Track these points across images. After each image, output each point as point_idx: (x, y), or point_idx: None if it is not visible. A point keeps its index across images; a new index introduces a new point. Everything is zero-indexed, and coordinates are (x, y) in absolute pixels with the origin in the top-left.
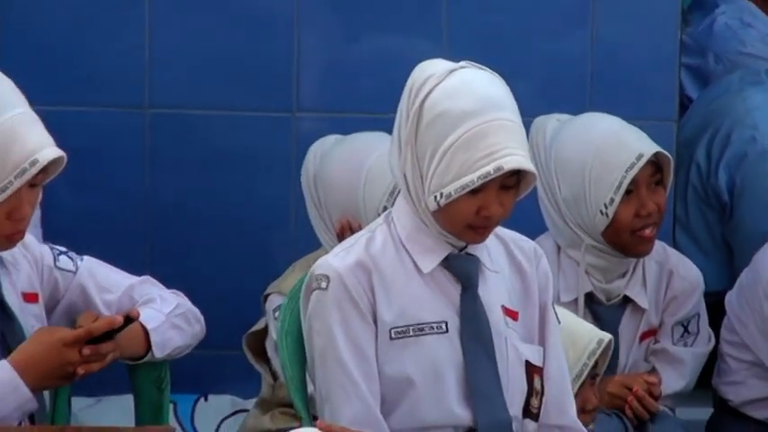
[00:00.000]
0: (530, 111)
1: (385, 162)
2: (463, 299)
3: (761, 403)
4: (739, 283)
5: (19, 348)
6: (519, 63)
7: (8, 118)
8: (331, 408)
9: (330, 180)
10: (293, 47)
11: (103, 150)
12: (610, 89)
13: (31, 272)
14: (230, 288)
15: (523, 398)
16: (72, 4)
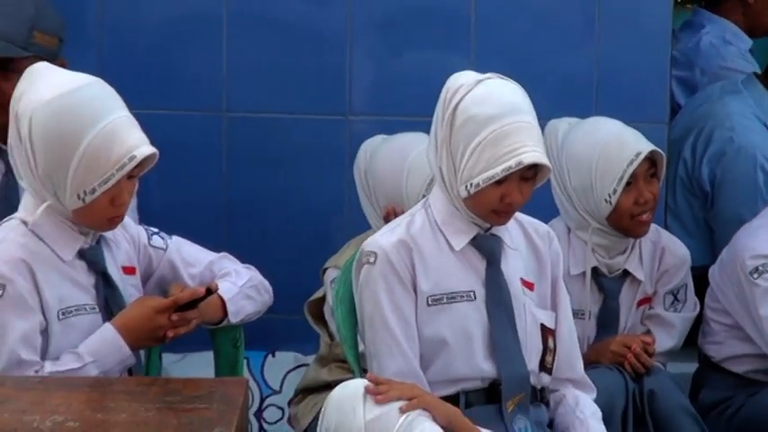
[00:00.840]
0: (545, 114)
1: (424, 157)
2: (488, 272)
3: (738, 359)
4: (720, 259)
5: (120, 314)
6: (536, 74)
7: (111, 120)
8: (378, 363)
9: (378, 172)
10: (346, 60)
11: (188, 148)
12: (612, 96)
13: (129, 249)
14: (294, 263)
15: (539, 355)
16: (162, 23)
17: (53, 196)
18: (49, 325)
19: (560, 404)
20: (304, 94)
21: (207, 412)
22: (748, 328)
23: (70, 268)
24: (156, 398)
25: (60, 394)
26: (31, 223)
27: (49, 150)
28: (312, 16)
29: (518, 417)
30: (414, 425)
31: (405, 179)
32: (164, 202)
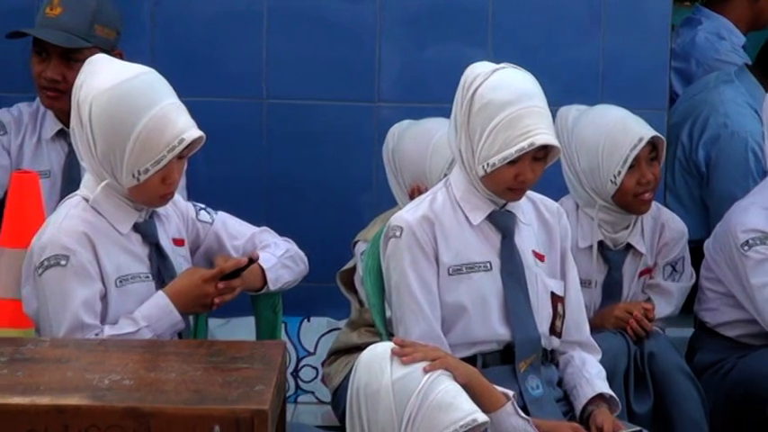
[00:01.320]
0: (555, 101)
1: (446, 140)
2: (503, 245)
3: (730, 325)
4: (714, 233)
5: (171, 282)
6: (547, 65)
7: (162, 107)
8: (404, 327)
9: (404, 153)
10: (376, 52)
11: (232, 132)
12: (616, 86)
13: (179, 223)
14: (327, 236)
15: (549, 320)
16: (208, 18)
17: (111, 176)
18: (107, 292)
19: (568, 364)
20: (337, 83)
21: (248, 372)
22: (740, 296)
23: (126, 240)
24: (202, 359)
25: (117, 355)
26: (92, 200)
27: (107, 134)
28: (344, 12)
29: (530, 376)
30: (436, 383)
31: (428, 160)
32: (210, 180)
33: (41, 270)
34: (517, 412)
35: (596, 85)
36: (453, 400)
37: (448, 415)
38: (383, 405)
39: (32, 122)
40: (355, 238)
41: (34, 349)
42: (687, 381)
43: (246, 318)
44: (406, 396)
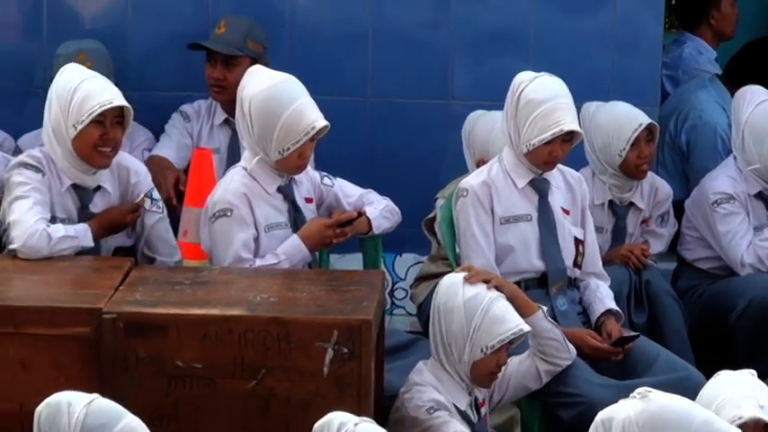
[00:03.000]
0: (579, 99)
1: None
2: (540, 202)
3: (703, 260)
4: (692, 195)
5: (302, 228)
6: (572, 73)
7: (300, 103)
8: (468, 261)
9: (476, 135)
10: (450, 62)
11: (347, 121)
12: (622, 88)
13: (309, 186)
14: (415, 195)
15: (573, 257)
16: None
17: (263, 152)
18: (258, 235)
19: (586, 288)
20: (421, 86)
21: (358, 292)
22: (710, 239)
23: (272, 198)
24: (325, 283)
25: (265, 280)
26: (249, 169)
27: (261, 123)
28: (427, 33)
29: (559, 296)
30: (494, 302)
31: (492, 140)
32: (332, 155)
33: (213, 219)
34: (546, 318)
35: (608, 87)
36: (506, 314)
37: (502, 326)
38: (456, 318)
39: (207, 113)
40: (436, 196)
41: (208, 275)
42: (672, 300)
43: (356, 254)
44: (473, 312)
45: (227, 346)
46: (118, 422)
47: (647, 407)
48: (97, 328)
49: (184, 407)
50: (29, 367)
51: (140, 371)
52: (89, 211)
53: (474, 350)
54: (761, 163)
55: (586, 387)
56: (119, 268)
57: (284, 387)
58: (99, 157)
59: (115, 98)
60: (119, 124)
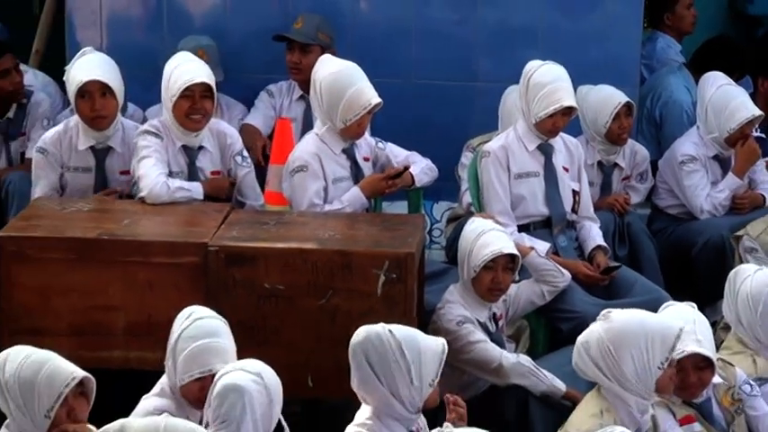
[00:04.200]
0: (576, 83)
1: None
2: (545, 162)
3: (672, 207)
4: (665, 156)
5: (362, 181)
6: (571, 62)
7: (360, 85)
8: (489, 207)
9: (507, 107)
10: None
11: (396, 98)
12: (610, 75)
13: (367, 148)
14: (450, 156)
15: (570, 204)
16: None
17: (330, 122)
18: (327, 186)
19: (581, 229)
20: (452, 70)
21: (404, 231)
22: (677, 191)
23: (338, 158)
24: (379, 223)
25: (332, 221)
26: (320, 135)
27: (329, 99)
28: (456, 29)
29: (560, 235)
30: (486, 233)
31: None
32: (384, 125)
33: (292, 174)
34: (538, 255)
35: (598, 73)
36: (492, 241)
37: (485, 249)
38: (461, 246)
39: (287, 91)
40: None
41: (288, 217)
42: (647, 239)
43: (402, 202)
44: (468, 238)
45: (302, 272)
46: (204, 338)
47: (611, 325)
48: (204, 258)
49: (270, 319)
50: (154, 288)
51: (236, 291)
52: (195, 165)
53: (469, 270)
54: (718, 132)
55: (581, 305)
56: (221, 212)
57: (346, 304)
58: (190, 122)
59: (197, 77)
60: (207, 97)
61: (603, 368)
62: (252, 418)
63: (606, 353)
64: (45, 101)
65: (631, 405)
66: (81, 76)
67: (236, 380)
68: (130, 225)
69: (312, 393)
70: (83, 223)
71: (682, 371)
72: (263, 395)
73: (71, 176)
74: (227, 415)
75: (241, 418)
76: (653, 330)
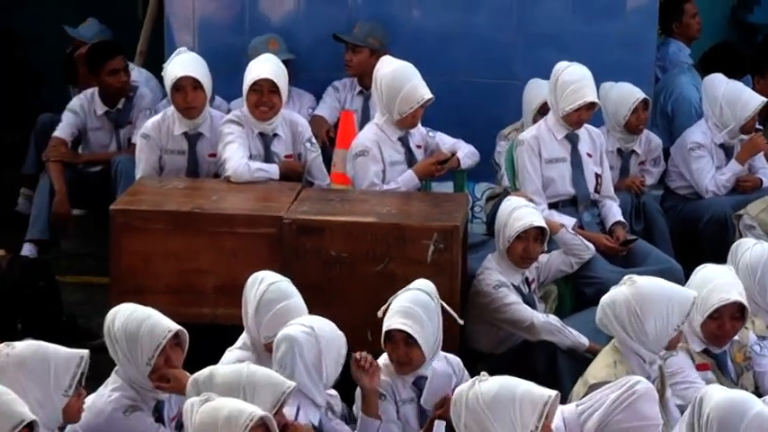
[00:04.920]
0: (599, 81)
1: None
2: (572, 149)
3: (682, 188)
4: (676, 143)
5: (414, 165)
6: (595, 65)
7: (414, 82)
8: (523, 187)
9: (526, 98)
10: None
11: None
12: (629, 74)
13: (419, 137)
14: (489, 143)
15: (594, 186)
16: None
17: (388, 113)
18: (384, 169)
19: (602, 207)
20: (492, 70)
21: (450, 206)
22: (686, 174)
23: (394, 144)
24: (429, 201)
25: (389, 198)
26: (379, 124)
27: (388, 94)
28: (496, 34)
29: (584, 212)
30: (518, 209)
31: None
32: (434, 116)
33: (355, 157)
34: (568, 231)
35: (618, 72)
36: (523, 216)
37: (517, 223)
38: (498, 220)
39: (349, 87)
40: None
41: (351, 195)
42: (660, 215)
43: (449, 182)
44: (503, 213)
45: (363, 241)
46: (283, 300)
47: (638, 290)
48: (279, 229)
49: (335, 282)
50: (237, 255)
51: (306, 258)
52: (271, 150)
53: (504, 240)
54: (735, 121)
55: (602, 272)
56: (293, 190)
57: (400, 270)
58: (258, 113)
59: (263, 73)
60: (274, 92)
61: (627, 326)
62: (302, 363)
63: (632, 313)
64: (148, 94)
65: (644, 357)
66: (176, 72)
67: (289, 331)
68: (218, 200)
69: (371, 346)
70: (178, 199)
71: (720, 318)
72: (312, 345)
73: (168, 158)
74: (282, 361)
75: (293, 363)
76: (674, 297)
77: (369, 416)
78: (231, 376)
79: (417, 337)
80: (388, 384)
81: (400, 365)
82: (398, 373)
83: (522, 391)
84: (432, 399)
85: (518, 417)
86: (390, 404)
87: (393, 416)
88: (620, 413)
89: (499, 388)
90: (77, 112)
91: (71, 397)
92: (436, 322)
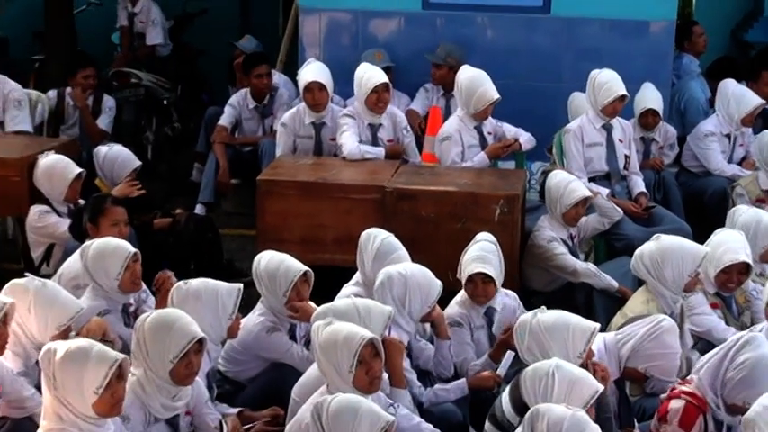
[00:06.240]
0: (628, 87)
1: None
2: (607, 136)
3: (694, 166)
4: (693, 132)
5: (486, 148)
6: (624, 74)
7: (486, 86)
8: (568, 166)
9: (573, 106)
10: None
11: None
12: (651, 80)
13: (490, 126)
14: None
15: (623, 164)
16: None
17: (466, 109)
18: (463, 151)
19: (630, 180)
20: (544, 75)
21: (513, 180)
22: (699, 155)
23: (471, 132)
24: (496, 175)
25: (466, 173)
26: (459, 117)
27: (467, 94)
28: (546, 49)
29: (616, 185)
30: (572, 182)
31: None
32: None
33: (441, 141)
34: (602, 198)
35: (643, 79)
36: (578, 188)
37: (574, 194)
38: (552, 189)
39: (435, 90)
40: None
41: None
42: (675, 188)
43: (512, 161)
44: (558, 185)
45: (446, 205)
46: (393, 252)
47: (660, 245)
48: (383, 195)
49: (424, 236)
50: (351, 214)
51: (403, 217)
52: (377, 136)
53: (561, 206)
54: (738, 114)
55: (629, 231)
56: (393, 166)
57: (474, 227)
58: (377, 108)
59: (381, 79)
60: (386, 91)
61: (651, 272)
62: (391, 296)
63: (655, 262)
64: (285, 93)
65: (667, 297)
66: (307, 77)
67: (387, 271)
68: (337, 173)
69: (452, 285)
70: (307, 172)
71: (730, 273)
72: (401, 284)
73: (300, 142)
74: (377, 292)
75: (383, 295)
76: (687, 252)
77: (441, 339)
78: (348, 306)
79: (493, 276)
80: (464, 315)
81: (479, 299)
82: (477, 304)
83: (574, 321)
84: (500, 326)
85: (571, 341)
86: (466, 330)
87: (468, 339)
88: (648, 342)
89: (556, 318)
90: (235, 106)
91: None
92: (499, 263)
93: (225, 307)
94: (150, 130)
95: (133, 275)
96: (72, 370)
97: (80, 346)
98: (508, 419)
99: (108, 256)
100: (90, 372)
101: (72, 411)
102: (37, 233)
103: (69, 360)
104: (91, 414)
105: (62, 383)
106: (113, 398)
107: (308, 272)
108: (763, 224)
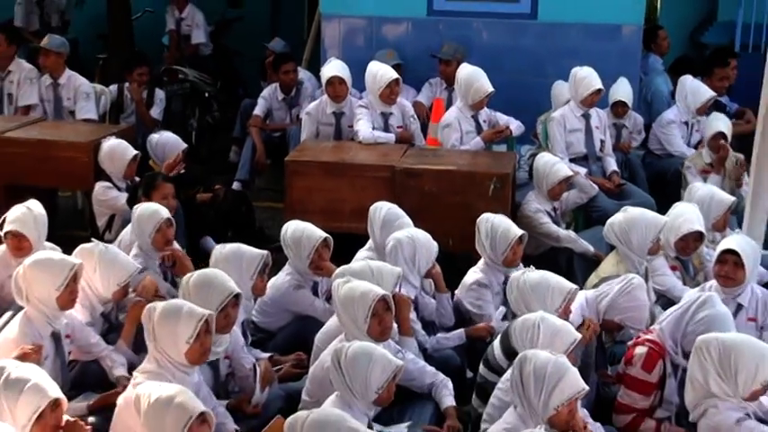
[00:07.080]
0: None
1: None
2: (585, 123)
3: (658, 149)
4: (657, 120)
5: (481, 134)
6: (601, 70)
7: (481, 81)
8: (553, 149)
9: (555, 93)
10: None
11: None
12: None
13: (485, 115)
14: (532, 120)
15: (599, 147)
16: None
17: (464, 100)
18: (462, 136)
19: (604, 161)
20: (532, 71)
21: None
22: (662, 140)
23: (469, 120)
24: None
25: (464, 154)
26: (459, 107)
27: (465, 87)
28: (535, 49)
29: (592, 165)
30: (558, 164)
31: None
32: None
33: (442, 128)
34: (581, 177)
35: (616, 76)
36: (560, 168)
37: (558, 173)
38: (538, 168)
39: (439, 84)
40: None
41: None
42: (641, 168)
43: (503, 144)
44: (542, 166)
45: (447, 182)
46: (397, 220)
47: (627, 215)
48: (393, 174)
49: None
50: (365, 190)
51: (410, 192)
52: (388, 123)
53: (548, 183)
54: (694, 105)
55: (604, 204)
56: (402, 148)
57: (471, 200)
58: (390, 100)
59: (393, 75)
60: (397, 85)
61: (620, 238)
62: (402, 256)
63: (623, 230)
64: (309, 87)
65: (634, 260)
66: (329, 72)
67: (396, 235)
68: (353, 155)
69: (451, 249)
70: (328, 153)
71: (686, 240)
72: (410, 245)
73: (322, 128)
74: (389, 254)
75: (395, 256)
76: (649, 221)
77: (441, 292)
78: (363, 267)
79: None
80: (488, 279)
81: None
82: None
83: (554, 282)
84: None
85: (549, 298)
86: (489, 291)
87: (490, 298)
88: (622, 297)
89: (540, 278)
90: (266, 98)
91: (255, 280)
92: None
93: (248, 269)
94: (194, 118)
95: (164, 237)
96: (168, 324)
97: (175, 304)
98: (499, 363)
99: (146, 218)
100: (182, 325)
101: (168, 359)
102: (101, 205)
103: (165, 316)
104: (183, 361)
105: (160, 336)
106: (202, 347)
107: (327, 238)
108: (715, 199)
